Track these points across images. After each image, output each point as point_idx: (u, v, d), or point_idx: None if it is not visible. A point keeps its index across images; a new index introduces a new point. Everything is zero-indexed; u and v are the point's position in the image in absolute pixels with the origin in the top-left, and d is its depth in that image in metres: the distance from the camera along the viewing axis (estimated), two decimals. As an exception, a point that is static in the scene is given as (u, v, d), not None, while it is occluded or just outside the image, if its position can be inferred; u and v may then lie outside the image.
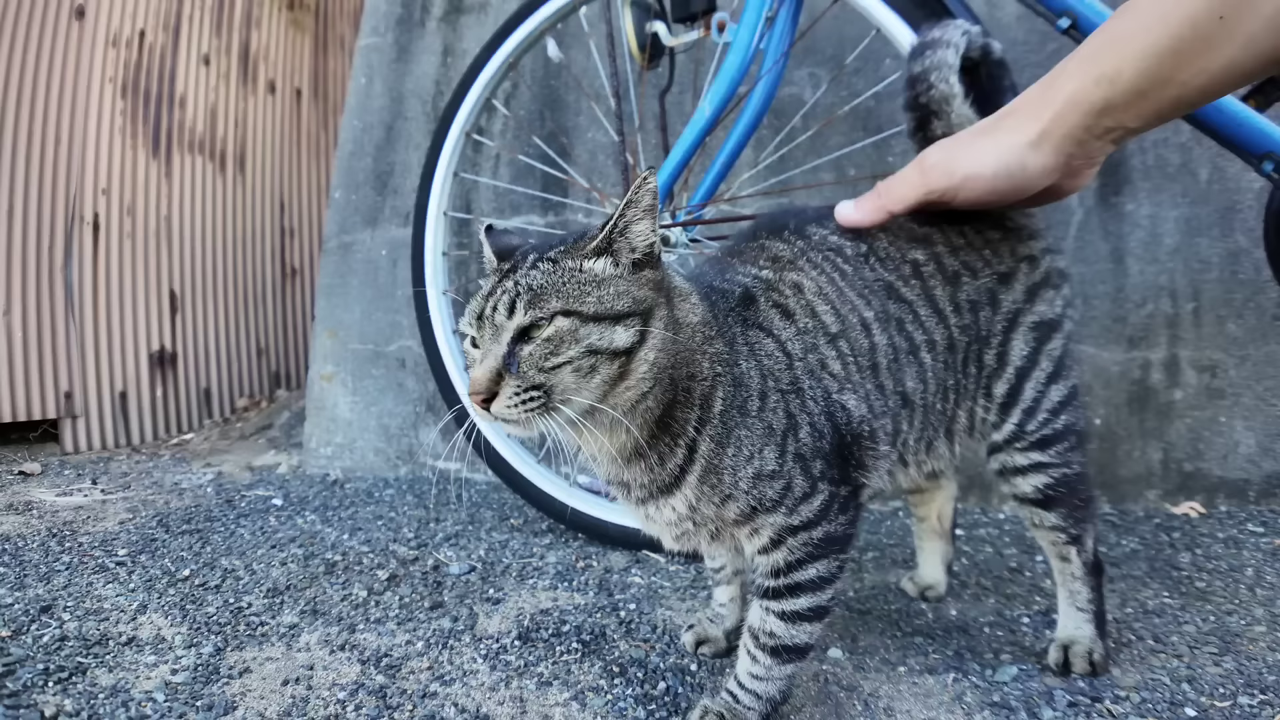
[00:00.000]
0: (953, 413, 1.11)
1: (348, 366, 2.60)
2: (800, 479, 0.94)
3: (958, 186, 1.03)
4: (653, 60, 1.73)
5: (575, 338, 0.84)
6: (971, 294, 1.09)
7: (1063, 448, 1.12)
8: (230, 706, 1.11)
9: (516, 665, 1.21)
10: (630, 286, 0.88)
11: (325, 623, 1.38)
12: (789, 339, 0.98)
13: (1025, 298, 1.12)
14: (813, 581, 0.97)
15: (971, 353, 1.10)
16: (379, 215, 2.61)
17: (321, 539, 1.84)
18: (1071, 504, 1.13)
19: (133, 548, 1.79)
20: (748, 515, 0.95)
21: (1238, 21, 0.83)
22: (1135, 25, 0.91)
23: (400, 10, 2.66)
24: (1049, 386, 1.11)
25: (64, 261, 3.01)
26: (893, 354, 1.03)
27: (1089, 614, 1.16)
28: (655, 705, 1.09)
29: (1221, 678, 1.12)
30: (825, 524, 0.96)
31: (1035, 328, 1.11)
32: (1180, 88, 0.89)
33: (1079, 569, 1.15)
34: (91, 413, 3.08)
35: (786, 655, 0.98)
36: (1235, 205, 1.91)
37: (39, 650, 1.27)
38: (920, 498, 1.41)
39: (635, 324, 0.87)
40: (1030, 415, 1.11)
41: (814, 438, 0.95)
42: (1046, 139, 0.98)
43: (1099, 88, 0.93)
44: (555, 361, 0.84)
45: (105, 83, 3.13)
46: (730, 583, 1.24)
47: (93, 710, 1.10)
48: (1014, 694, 1.10)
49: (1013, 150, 0.99)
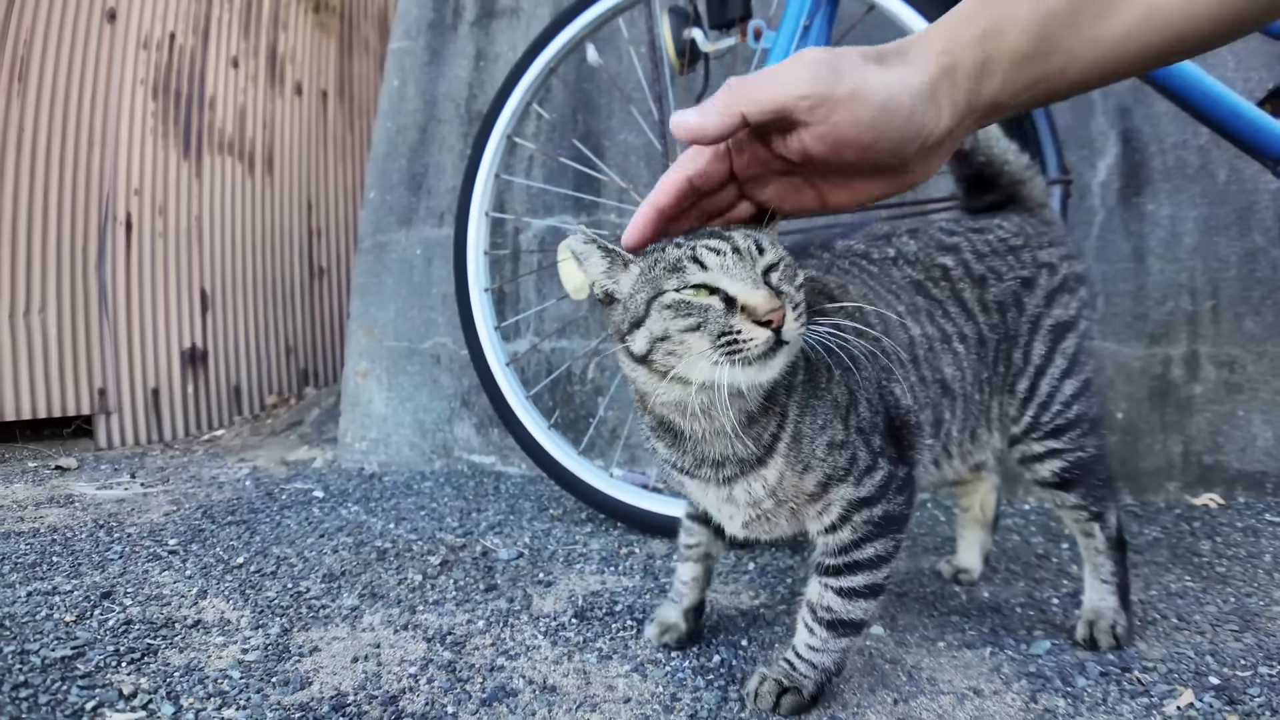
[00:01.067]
0: (988, 404, 1.19)
1: (383, 363, 2.67)
2: (863, 451, 1.00)
3: (839, 101, 0.76)
4: (690, 66, 1.79)
5: (796, 274, 0.91)
6: (998, 295, 1.17)
7: (1076, 434, 1.20)
8: (305, 681, 1.16)
9: (576, 641, 1.27)
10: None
11: (385, 605, 1.44)
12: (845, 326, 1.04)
13: (1045, 302, 1.20)
14: (870, 560, 1.02)
15: (1001, 351, 1.18)
16: (413, 215, 2.67)
17: (368, 528, 1.90)
18: (1089, 484, 1.21)
19: (182, 537, 1.84)
20: (823, 487, 1.00)
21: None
22: None
23: (432, 14, 2.72)
24: (1063, 381, 1.20)
25: (98, 261, 3.07)
26: (928, 344, 1.10)
27: (1112, 585, 1.24)
28: (712, 675, 1.15)
29: (1242, 651, 1.19)
30: (885, 501, 1.01)
31: (1052, 330, 1.20)
32: (1066, 57, 0.75)
33: (1102, 543, 1.23)
34: (125, 409, 3.14)
35: (842, 629, 1.03)
36: (1253, 206, 1.97)
37: (106, 633, 1.32)
38: (965, 488, 1.48)
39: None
40: (1044, 408, 1.20)
41: (870, 413, 1.01)
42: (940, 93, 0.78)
43: (978, 47, 0.76)
44: (794, 286, 0.89)
45: (137, 84, 3.20)
46: (699, 562, 1.26)
47: (170, 688, 1.14)
48: (1048, 665, 1.16)
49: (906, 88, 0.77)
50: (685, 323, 0.86)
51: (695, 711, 1.05)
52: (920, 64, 0.78)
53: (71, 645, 1.26)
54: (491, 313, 2.04)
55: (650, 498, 1.79)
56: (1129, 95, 2.05)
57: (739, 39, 1.74)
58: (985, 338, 1.16)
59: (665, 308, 0.87)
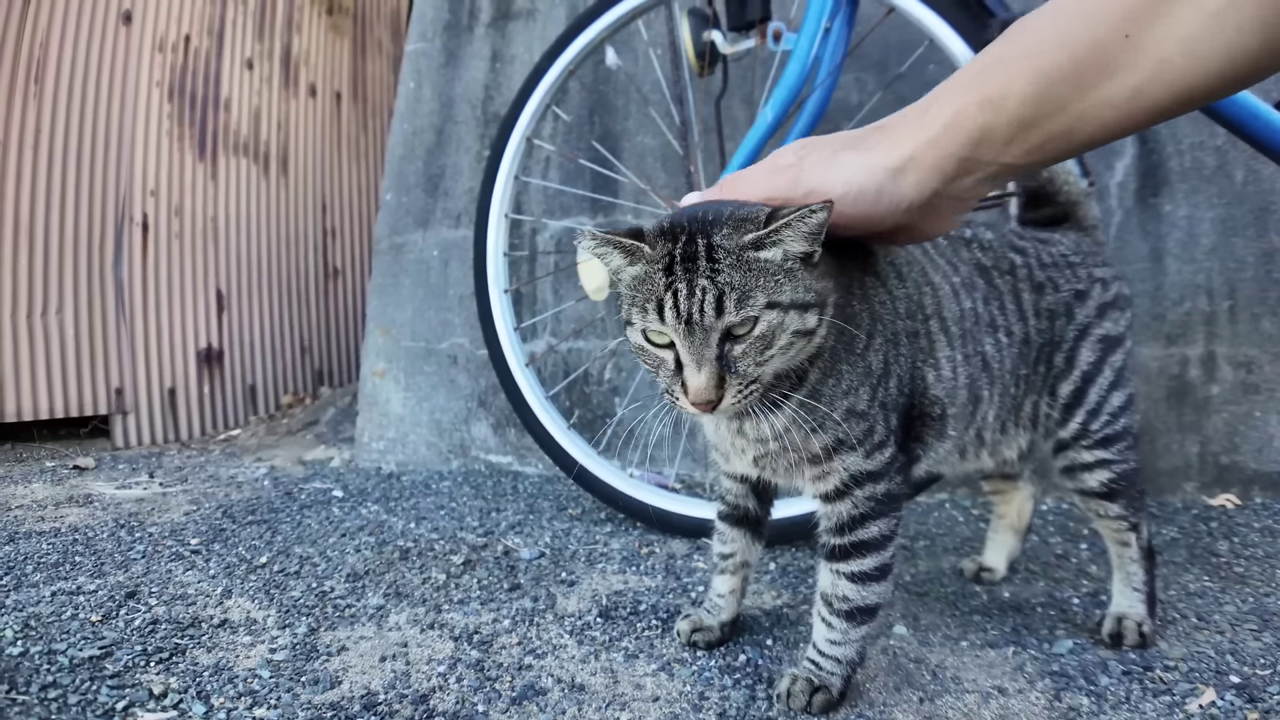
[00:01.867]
0: (1021, 401, 1.20)
1: (400, 363, 2.68)
2: (881, 426, 1.00)
3: (801, 199, 0.87)
4: (709, 68, 1.80)
5: (781, 332, 0.86)
6: (1051, 304, 1.20)
7: (1123, 446, 1.22)
8: (335, 681, 1.17)
9: (602, 640, 1.29)
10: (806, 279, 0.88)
11: (410, 604, 1.45)
12: (900, 296, 1.05)
13: (1096, 314, 1.22)
14: (876, 540, 1.02)
15: (1043, 354, 1.20)
16: (430, 217, 2.68)
17: (389, 527, 1.91)
18: (1131, 495, 1.23)
19: (204, 537, 1.86)
20: (829, 451, 0.98)
21: (1148, 39, 0.70)
22: (1029, 45, 0.78)
23: (448, 16, 2.73)
24: (1111, 393, 1.21)
25: (114, 261, 3.09)
26: (976, 320, 1.12)
27: (1143, 594, 1.26)
28: (739, 674, 1.16)
29: (1262, 650, 1.20)
30: (887, 480, 1.02)
31: (1102, 340, 1.22)
32: (1075, 119, 0.76)
33: (1136, 553, 1.25)
34: (141, 409, 3.16)
35: (860, 617, 1.04)
36: (1270, 206, 1.97)
37: (133, 633, 1.32)
38: (1001, 497, 1.50)
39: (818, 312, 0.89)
40: (1094, 416, 1.21)
41: (898, 391, 1.02)
42: (912, 167, 0.84)
43: (981, 112, 0.79)
44: (767, 355, 0.86)
45: (152, 86, 3.22)
46: (735, 573, 1.26)
47: (200, 687, 1.14)
48: (1071, 664, 1.17)
49: (871, 173, 0.85)
50: (646, 361, 0.92)
51: (724, 710, 1.07)
52: (900, 142, 0.84)
53: (99, 645, 1.27)
54: (511, 314, 2.05)
55: (670, 498, 1.81)
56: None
57: (758, 41, 1.74)
58: (1031, 339, 1.18)
59: (634, 340, 0.92)
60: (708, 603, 1.29)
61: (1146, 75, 0.71)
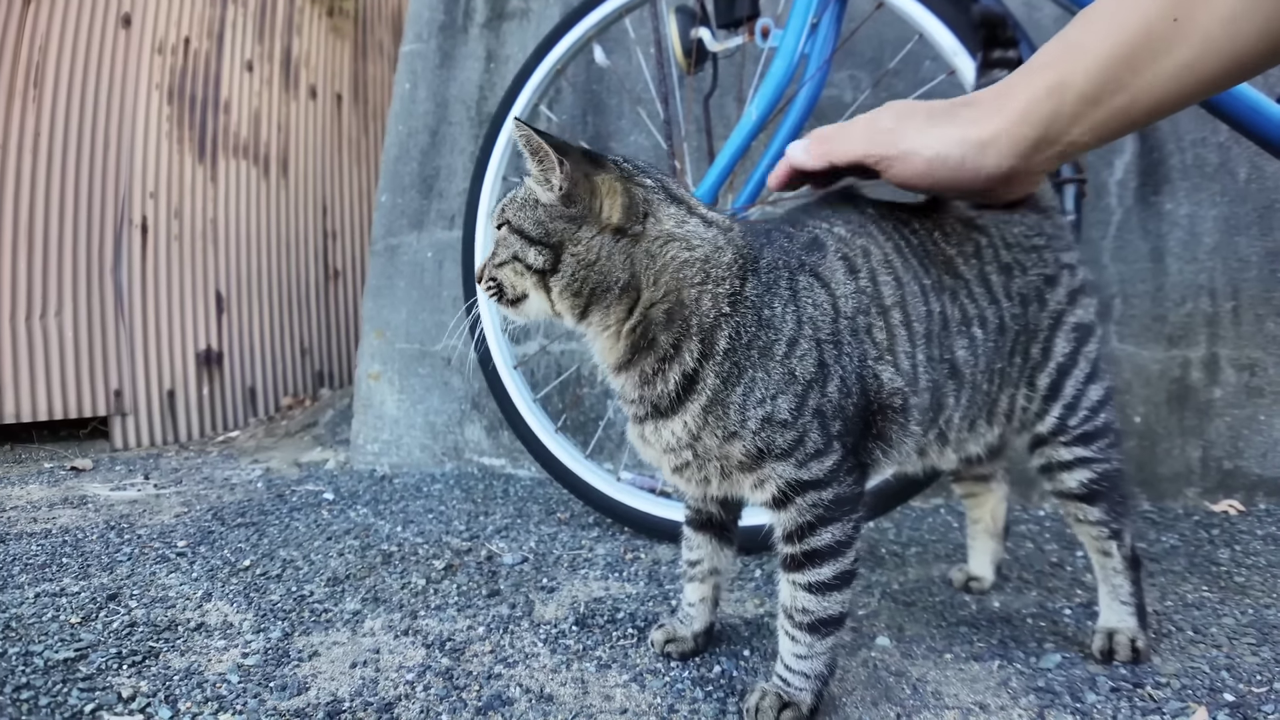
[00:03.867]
0: (996, 396, 1.14)
1: (395, 365, 2.67)
2: (816, 434, 0.95)
3: (895, 158, 1.01)
4: (697, 66, 1.77)
5: (507, 242, 0.99)
6: (1022, 287, 1.13)
7: (1104, 444, 1.16)
8: (303, 687, 1.15)
9: (575, 649, 1.26)
10: (550, 217, 0.97)
11: (387, 609, 1.43)
12: (844, 294, 1.00)
13: (1068, 300, 1.16)
14: (830, 547, 0.98)
15: (1019, 343, 1.13)
16: (425, 218, 2.67)
17: (375, 531, 1.90)
18: (1113, 499, 1.16)
19: (191, 539, 1.85)
20: (755, 458, 0.95)
21: (1192, 21, 0.80)
22: (1089, 33, 0.89)
23: (443, 16, 2.72)
24: (1088, 385, 1.15)
25: (114, 263, 3.10)
26: (944, 322, 1.06)
27: (1131, 607, 1.19)
28: (712, 686, 1.13)
29: (1259, 666, 1.15)
30: (835, 485, 0.97)
31: (1075, 329, 1.16)
32: (1132, 96, 0.87)
33: (1119, 563, 1.19)
34: (140, 410, 3.17)
35: (824, 628, 1.00)
36: (1274, 204, 1.92)
37: (110, 636, 1.32)
38: (974, 500, 1.45)
39: (547, 250, 0.97)
40: (1072, 410, 1.15)
41: (841, 394, 0.97)
42: (993, 144, 0.97)
43: (1050, 98, 0.91)
44: (500, 259, 1.00)
45: (152, 89, 3.23)
46: (704, 581, 1.23)
47: (169, 691, 1.13)
48: (1058, 680, 1.13)
49: (959, 144, 0.98)
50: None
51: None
52: (982, 120, 0.97)
53: (75, 647, 1.26)
54: (499, 316, 2.03)
55: (658, 502, 1.78)
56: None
57: (747, 38, 1.72)
58: (1006, 325, 1.11)
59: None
60: (680, 612, 1.25)
61: (1194, 53, 0.81)
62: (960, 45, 1.51)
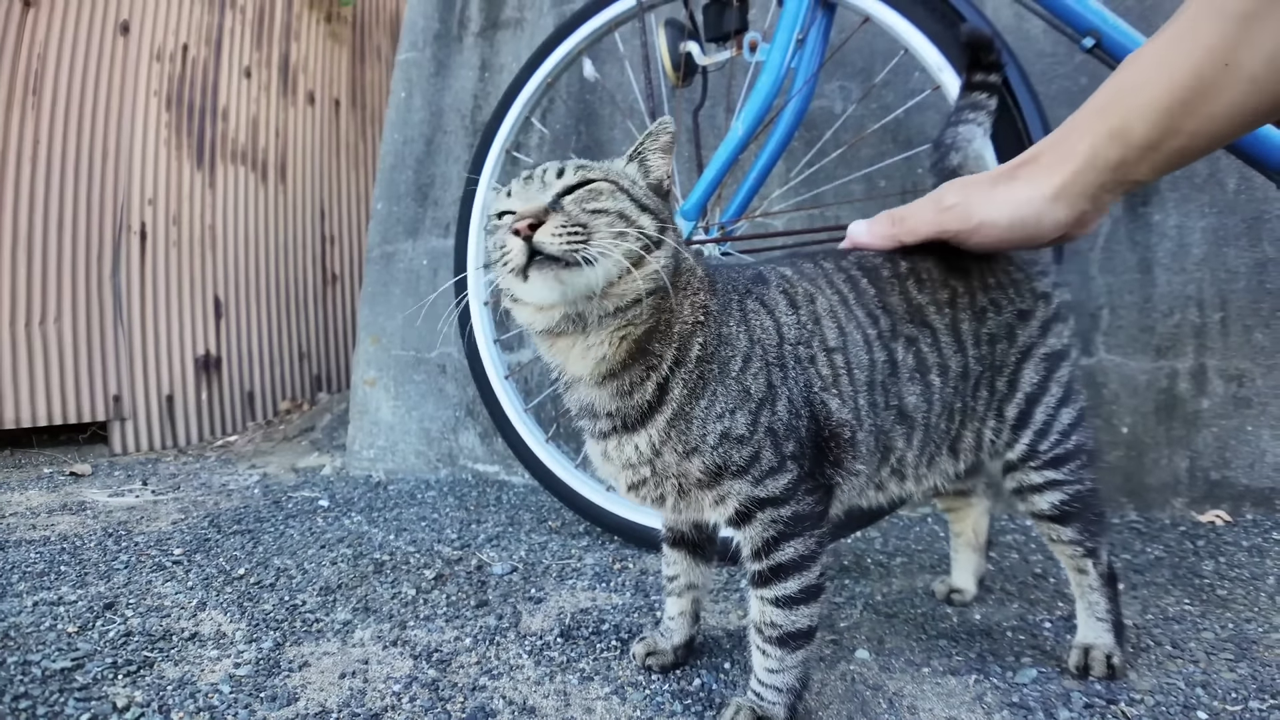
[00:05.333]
0: (958, 433, 1.16)
1: (390, 372, 2.69)
2: (769, 452, 0.98)
3: (971, 231, 1.06)
4: (686, 79, 1.79)
5: (614, 196, 0.94)
6: (993, 328, 1.15)
7: (1075, 465, 1.17)
8: (292, 698, 1.17)
9: (559, 661, 1.28)
10: (653, 196, 0.99)
11: (377, 619, 1.45)
12: (787, 324, 1.03)
13: (1040, 332, 1.18)
14: (795, 562, 0.99)
15: (984, 380, 1.15)
16: (420, 226, 2.69)
17: (369, 539, 1.91)
18: (1086, 518, 1.17)
19: (188, 547, 1.87)
20: (713, 475, 0.97)
21: (1239, 64, 0.84)
22: (1140, 77, 0.93)
23: (438, 26, 2.74)
24: (1059, 410, 1.17)
25: (112, 269, 3.13)
26: (891, 370, 1.08)
27: (1108, 623, 1.20)
28: (691, 700, 1.14)
29: (1235, 683, 1.16)
30: (793, 503, 0.99)
31: (1046, 358, 1.17)
32: (1189, 138, 0.91)
33: (1095, 580, 1.20)
34: (139, 415, 3.19)
35: (794, 642, 1.01)
36: (1263, 215, 1.93)
37: (106, 645, 1.34)
38: (955, 515, 1.46)
39: (657, 222, 0.96)
40: (1043, 436, 1.16)
41: (790, 415, 0.99)
42: (1064, 194, 1.00)
43: (1113, 144, 0.95)
44: (596, 205, 0.92)
45: (150, 96, 3.25)
46: (682, 595, 1.24)
47: (163, 701, 1.15)
48: (1032, 695, 1.14)
49: (1030, 203, 1.02)
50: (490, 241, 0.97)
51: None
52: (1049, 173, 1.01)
53: (72, 657, 1.28)
54: (491, 325, 2.04)
55: (646, 512, 1.79)
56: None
57: (735, 52, 1.73)
58: (969, 370, 1.13)
59: (488, 234, 0.98)
60: (661, 625, 1.27)
61: (1243, 94, 0.86)
62: (945, 61, 1.52)
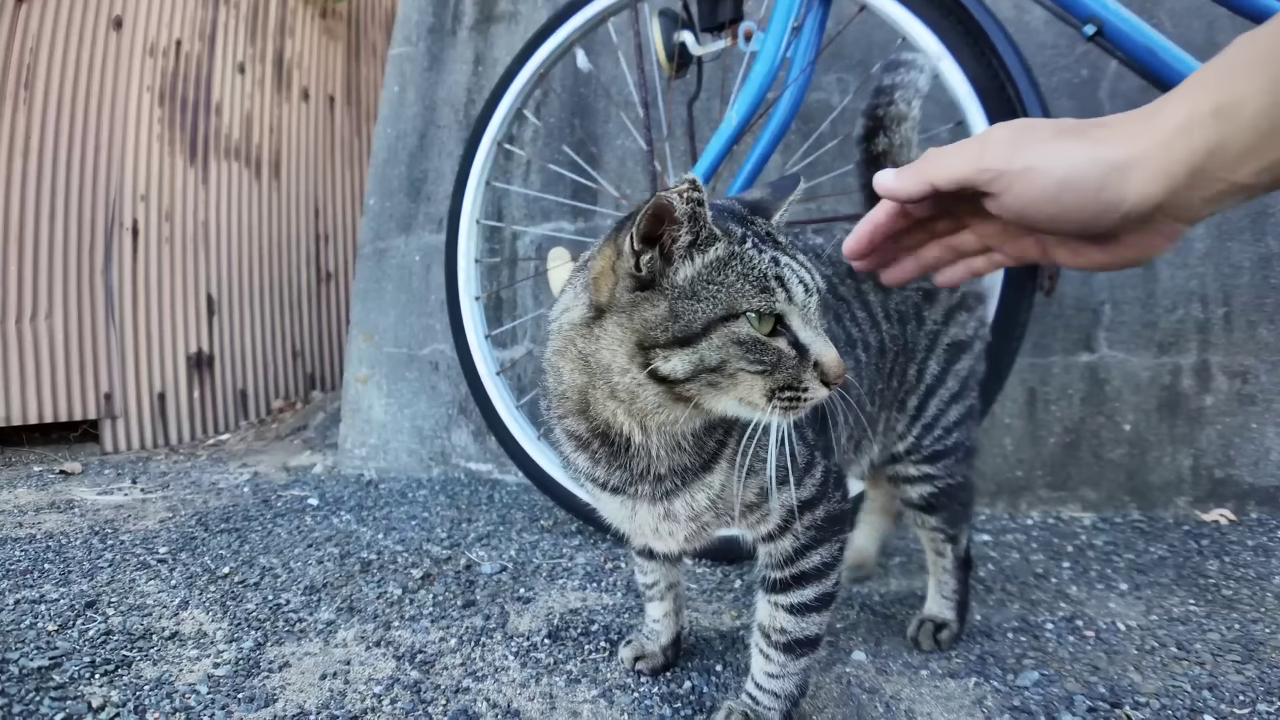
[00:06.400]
0: (877, 417, 1.16)
1: (382, 369, 2.65)
2: (800, 446, 0.94)
3: (1014, 174, 0.79)
4: (680, 69, 1.75)
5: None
6: (899, 304, 1.15)
7: (949, 463, 1.21)
8: (271, 699, 1.14)
9: (546, 663, 1.24)
10: None
11: (361, 620, 1.42)
12: None
13: (943, 319, 1.18)
14: (818, 569, 0.97)
15: (898, 365, 1.15)
16: (413, 222, 2.65)
17: (357, 538, 1.88)
18: (952, 509, 1.23)
19: (173, 546, 1.84)
20: (764, 492, 0.93)
21: None
22: (1261, 51, 0.71)
23: (432, 19, 2.70)
24: (950, 406, 1.18)
25: (104, 266, 3.09)
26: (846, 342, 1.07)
27: (953, 602, 1.28)
28: (680, 704, 1.11)
29: (1243, 685, 1.13)
30: (826, 501, 0.97)
31: (948, 348, 1.18)
32: None
33: (951, 563, 1.27)
34: (131, 413, 3.15)
35: (799, 649, 0.99)
36: (1267, 210, 1.90)
37: (85, 644, 1.31)
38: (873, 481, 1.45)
39: None
40: (929, 430, 1.18)
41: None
42: (1140, 166, 0.75)
43: (1215, 121, 0.72)
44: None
45: (143, 91, 3.21)
46: (663, 598, 1.22)
47: (139, 702, 1.13)
48: (1034, 698, 1.11)
49: (1096, 163, 0.76)
50: (751, 364, 0.78)
51: (659, 741, 1.02)
52: (1126, 139, 0.76)
53: (50, 656, 1.26)
54: (482, 321, 2.01)
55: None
56: (1138, 92, 1.98)
57: (730, 42, 1.70)
58: (885, 347, 1.13)
59: (735, 343, 0.77)
60: (646, 629, 1.24)
61: None
62: (945, 49, 1.49)
